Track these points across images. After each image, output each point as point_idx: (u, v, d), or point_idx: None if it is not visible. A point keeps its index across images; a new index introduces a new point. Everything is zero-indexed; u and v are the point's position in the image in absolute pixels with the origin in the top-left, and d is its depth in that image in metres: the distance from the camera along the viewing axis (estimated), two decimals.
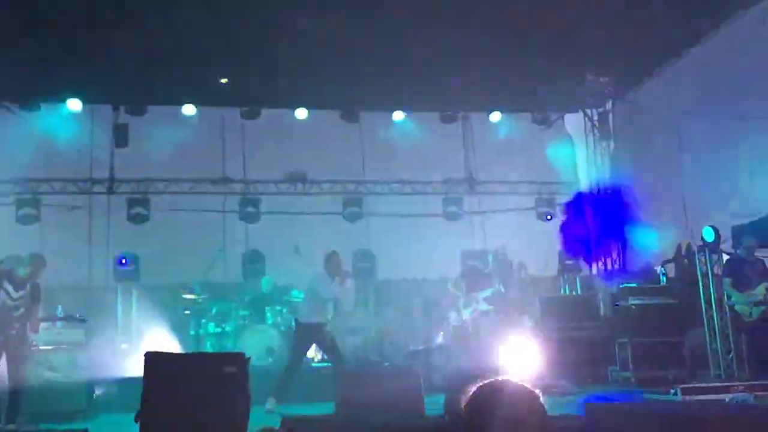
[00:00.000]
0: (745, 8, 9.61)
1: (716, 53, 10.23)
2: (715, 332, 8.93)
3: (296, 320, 8.63)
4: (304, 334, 8.40)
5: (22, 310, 7.24)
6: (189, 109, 12.20)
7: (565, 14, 9.78)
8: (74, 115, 11.92)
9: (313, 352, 10.19)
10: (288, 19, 9.64)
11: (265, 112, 12.70)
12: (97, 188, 12.32)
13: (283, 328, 10.54)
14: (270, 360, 10.20)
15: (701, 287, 9.11)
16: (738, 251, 8.84)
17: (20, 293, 7.25)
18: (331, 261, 8.46)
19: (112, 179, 12.33)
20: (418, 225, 12.73)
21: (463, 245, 12.83)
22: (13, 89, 11.37)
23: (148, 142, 12.10)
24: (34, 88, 11.45)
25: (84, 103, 11.87)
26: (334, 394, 6.88)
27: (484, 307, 9.75)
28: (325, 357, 9.32)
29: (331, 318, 8.79)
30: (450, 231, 13.01)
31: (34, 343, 8.24)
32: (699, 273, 9.18)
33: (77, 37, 9.71)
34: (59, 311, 10.13)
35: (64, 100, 11.75)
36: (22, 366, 7.65)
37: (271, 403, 7.81)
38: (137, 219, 12.07)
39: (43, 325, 8.32)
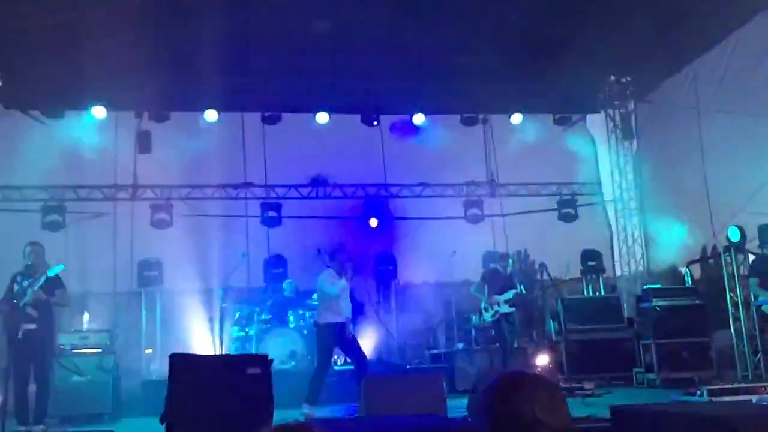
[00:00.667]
0: (766, 7, 9.49)
1: (738, 52, 10.12)
2: (741, 333, 8.84)
3: (315, 323, 8.63)
4: (322, 335, 8.33)
5: (33, 296, 7.43)
6: (211, 115, 12.30)
7: (586, 15, 9.74)
8: (98, 122, 12.02)
9: (336, 355, 10.20)
10: (308, 23, 9.71)
11: (286, 117, 12.76)
12: (121, 194, 12.42)
13: (305, 331, 10.56)
14: (293, 363, 10.24)
15: (727, 288, 9.01)
16: (764, 250, 8.73)
17: (29, 281, 7.54)
18: (336, 256, 8.28)
19: (135, 185, 12.45)
20: (439, 228, 12.70)
21: (484, 247, 12.79)
22: (38, 98, 11.52)
23: (170, 148, 12.16)
24: (59, 97, 11.60)
25: (108, 110, 12.00)
26: (357, 396, 6.90)
27: (506, 309, 9.70)
28: (348, 359, 9.31)
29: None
30: (472, 233, 12.95)
31: (61, 346, 8.40)
32: (725, 273, 9.09)
33: (100, 45, 9.83)
34: (85, 317, 10.31)
35: (88, 108, 11.86)
36: (49, 368, 7.82)
37: (307, 408, 7.79)
38: (160, 225, 12.16)
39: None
